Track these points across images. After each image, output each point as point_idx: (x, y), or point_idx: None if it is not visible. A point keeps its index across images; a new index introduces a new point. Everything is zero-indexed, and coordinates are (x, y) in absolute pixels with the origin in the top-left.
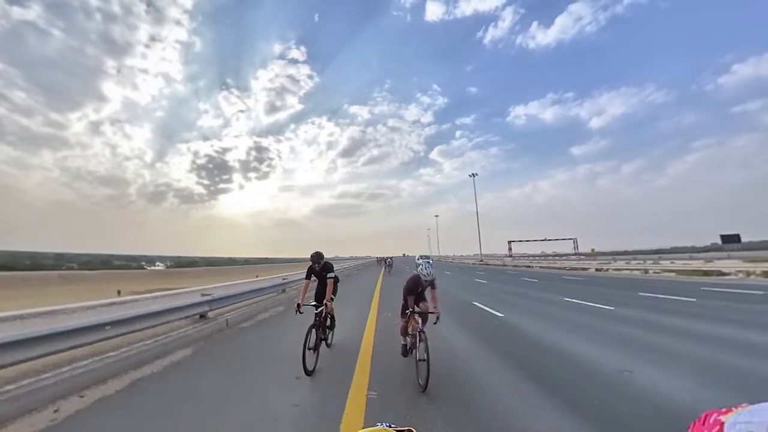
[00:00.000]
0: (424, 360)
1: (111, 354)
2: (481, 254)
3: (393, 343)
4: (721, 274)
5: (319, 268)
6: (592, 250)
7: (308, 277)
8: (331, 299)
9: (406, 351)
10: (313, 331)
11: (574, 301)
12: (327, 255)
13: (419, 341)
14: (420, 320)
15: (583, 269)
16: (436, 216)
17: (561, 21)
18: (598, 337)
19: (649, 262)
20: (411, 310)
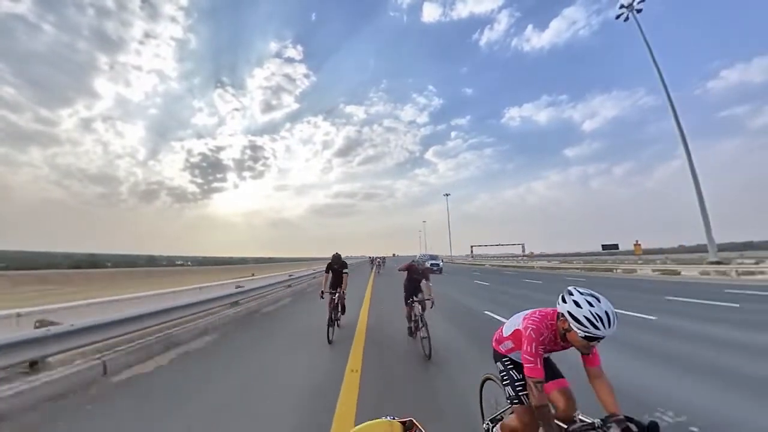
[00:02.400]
0: (426, 337)
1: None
2: (451, 255)
3: (380, 326)
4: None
5: (337, 266)
6: (531, 252)
7: (327, 271)
8: (343, 293)
9: (411, 332)
10: (332, 312)
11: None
12: (322, 255)
13: (421, 325)
14: (420, 307)
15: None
16: (424, 221)
17: (555, 24)
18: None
19: (575, 261)
20: (411, 299)
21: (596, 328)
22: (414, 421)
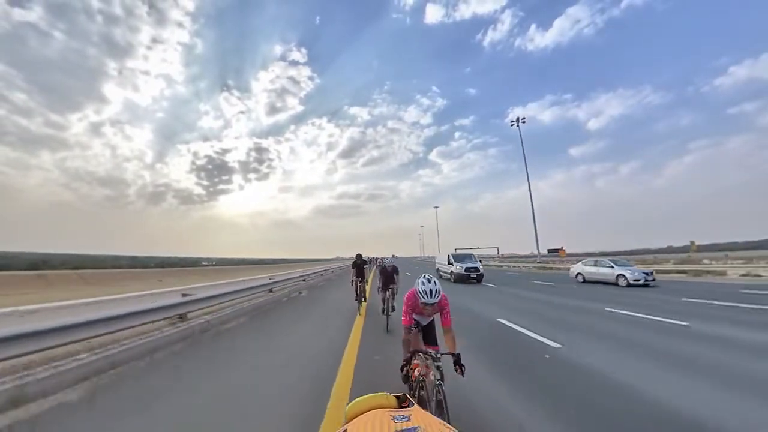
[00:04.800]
0: (389, 316)
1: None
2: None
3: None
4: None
5: (360, 262)
6: (502, 255)
7: (353, 266)
8: (366, 280)
9: (383, 312)
10: (357, 294)
11: (622, 312)
12: (327, 256)
13: (389, 307)
14: (390, 294)
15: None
16: (422, 226)
17: (559, 24)
18: None
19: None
20: (385, 287)
21: (423, 297)
22: (407, 395)
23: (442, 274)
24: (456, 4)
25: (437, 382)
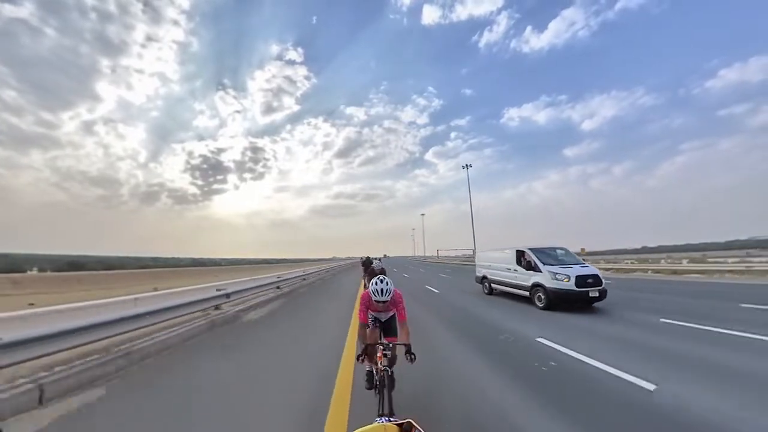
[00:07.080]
0: None
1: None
2: (425, 255)
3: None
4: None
5: (366, 262)
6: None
7: (362, 264)
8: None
9: None
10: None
11: (682, 324)
12: (323, 255)
13: None
14: None
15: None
16: (413, 229)
17: (554, 26)
18: None
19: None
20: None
21: (376, 296)
22: (413, 422)
23: (495, 287)
24: (452, 6)
25: (384, 368)
